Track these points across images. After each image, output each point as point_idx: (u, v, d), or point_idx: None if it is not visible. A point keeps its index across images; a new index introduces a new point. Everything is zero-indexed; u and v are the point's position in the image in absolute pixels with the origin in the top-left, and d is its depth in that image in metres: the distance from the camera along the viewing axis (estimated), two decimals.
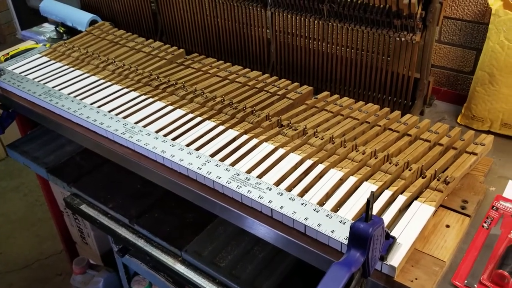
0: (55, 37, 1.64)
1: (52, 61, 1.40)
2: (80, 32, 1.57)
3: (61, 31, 1.64)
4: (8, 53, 1.52)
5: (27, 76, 1.32)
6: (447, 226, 0.82)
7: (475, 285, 0.74)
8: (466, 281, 0.74)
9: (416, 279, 0.73)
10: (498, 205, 0.88)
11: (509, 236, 0.82)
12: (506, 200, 0.89)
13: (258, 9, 1.25)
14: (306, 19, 1.17)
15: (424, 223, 0.80)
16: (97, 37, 1.51)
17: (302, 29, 1.20)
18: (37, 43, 1.61)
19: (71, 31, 1.64)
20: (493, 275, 0.74)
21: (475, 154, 0.94)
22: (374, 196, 0.63)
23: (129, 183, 1.24)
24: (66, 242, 2.03)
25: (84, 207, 1.19)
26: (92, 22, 1.59)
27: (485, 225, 0.84)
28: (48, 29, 1.69)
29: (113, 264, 1.80)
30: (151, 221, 1.11)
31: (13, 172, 2.87)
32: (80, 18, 1.58)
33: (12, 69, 1.37)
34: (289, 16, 1.20)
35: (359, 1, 1.04)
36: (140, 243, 1.08)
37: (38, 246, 2.35)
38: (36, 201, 2.63)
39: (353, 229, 0.63)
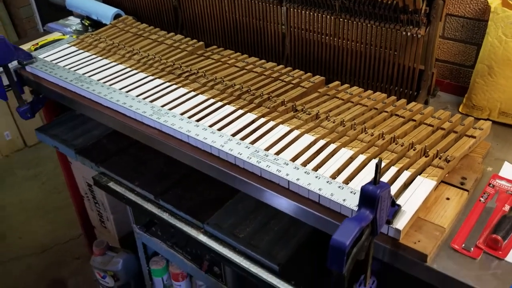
0: (80, 29, 1.73)
1: (80, 51, 1.50)
2: (105, 25, 1.67)
3: (86, 24, 1.74)
4: (37, 43, 1.63)
5: (57, 64, 1.42)
6: (447, 198, 0.91)
7: (472, 248, 0.83)
8: (463, 245, 0.83)
9: (418, 241, 0.82)
10: (494, 182, 0.97)
11: (503, 209, 0.91)
12: (502, 178, 0.98)
13: (274, 5, 1.35)
14: (319, 15, 1.27)
15: (426, 195, 0.89)
16: (121, 29, 1.61)
17: (315, 24, 1.29)
18: (63, 35, 1.71)
19: (96, 24, 1.73)
20: (488, 239, 0.83)
21: (474, 137, 1.03)
22: (381, 165, 0.72)
23: (153, 164, 1.34)
24: (85, 226, 2.13)
25: (112, 185, 1.29)
26: (116, 16, 1.69)
27: (482, 199, 0.93)
28: (73, 22, 1.79)
29: (131, 247, 1.91)
30: (174, 197, 1.21)
31: (31, 161, 2.98)
32: (105, 12, 1.68)
33: (43, 57, 1.47)
34: (303, 12, 1.30)
35: None
36: (165, 216, 1.18)
37: (56, 231, 2.45)
38: (54, 189, 2.74)
39: (363, 191, 0.72)
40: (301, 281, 1.01)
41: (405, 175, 0.93)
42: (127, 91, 1.25)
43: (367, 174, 0.94)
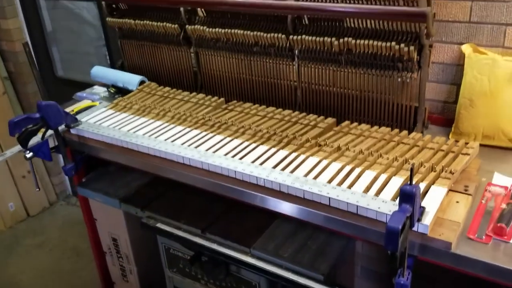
0: (107, 96, 1.95)
1: (118, 113, 1.70)
2: (130, 91, 1.90)
3: (112, 91, 1.96)
4: (73, 110, 1.82)
5: (101, 124, 1.62)
6: (457, 202, 1.14)
7: (483, 236, 1.04)
8: (476, 235, 1.05)
9: (442, 234, 1.03)
10: (490, 188, 1.21)
11: (500, 206, 1.13)
12: (495, 185, 1.22)
13: (287, 65, 1.61)
14: (327, 69, 1.53)
15: (441, 199, 1.11)
16: (148, 93, 1.84)
17: (323, 77, 1.55)
18: (93, 101, 1.92)
19: (120, 91, 1.95)
20: (495, 228, 1.05)
21: (468, 154, 1.28)
22: (413, 170, 0.94)
23: (192, 204, 1.51)
24: (105, 283, 2.22)
25: (159, 225, 1.45)
26: (141, 83, 1.92)
27: (483, 201, 1.16)
28: (99, 90, 2.01)
29: None
30: (219, 229, 1.38)
31: (36, 231, 3.05)
32: (131, 79, 1.91)
33: (86, 120, 1.67)
34: (313, 67, 1.56)
35: (369, 52, 1.41)
36: (214, 246, 1.34)
37: None
38: (62, 254, 2.81)
39: (403, 190, 0.93)
40: (344, 286, 1.19)
41: (421, 186, 1.16)
42: (171, 141, 1.45)
43: (391, 189, 1.16)
